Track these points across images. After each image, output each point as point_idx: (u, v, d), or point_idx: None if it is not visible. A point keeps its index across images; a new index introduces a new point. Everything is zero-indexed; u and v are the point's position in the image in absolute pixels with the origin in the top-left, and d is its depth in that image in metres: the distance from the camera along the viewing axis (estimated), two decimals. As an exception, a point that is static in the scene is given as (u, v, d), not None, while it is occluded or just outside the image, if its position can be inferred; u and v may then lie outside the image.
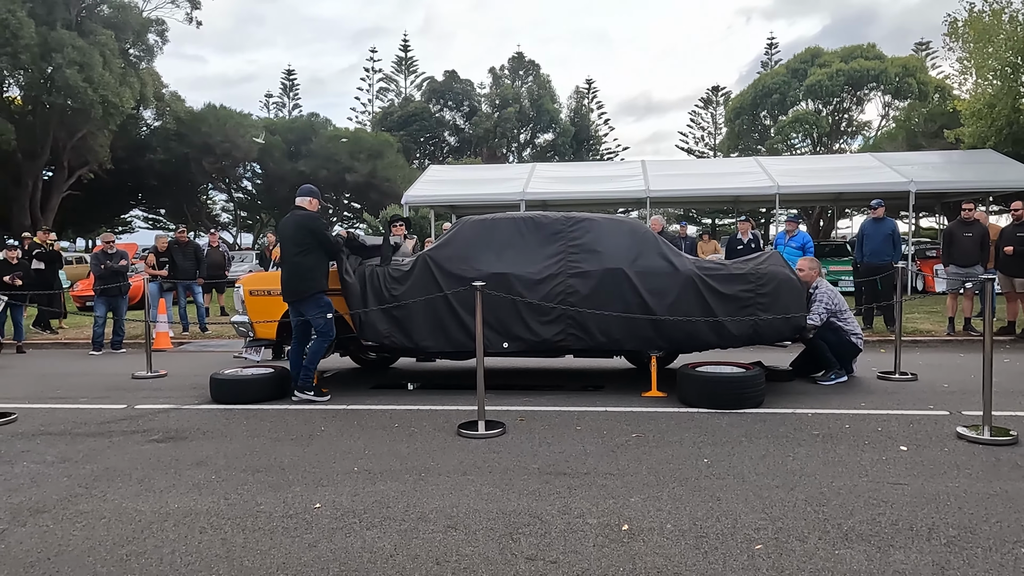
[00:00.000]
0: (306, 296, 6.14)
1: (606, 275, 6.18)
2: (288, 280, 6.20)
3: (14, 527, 3.50)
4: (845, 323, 6.83)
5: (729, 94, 53.67)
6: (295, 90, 63.07)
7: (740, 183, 17.93)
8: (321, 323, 6.18)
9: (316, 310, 6.17)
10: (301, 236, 6.14)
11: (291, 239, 6.19)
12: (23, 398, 6.83)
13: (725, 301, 6.11)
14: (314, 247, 6.16)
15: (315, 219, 6.30)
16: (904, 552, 3.00)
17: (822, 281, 6.99)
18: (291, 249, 6.17)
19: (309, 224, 6.19)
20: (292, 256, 6.17)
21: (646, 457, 4.44)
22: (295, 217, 6.27)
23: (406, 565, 2.99)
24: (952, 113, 20.99)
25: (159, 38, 34.29)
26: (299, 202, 6.37)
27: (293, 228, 6.20)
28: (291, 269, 6.17)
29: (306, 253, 6.14)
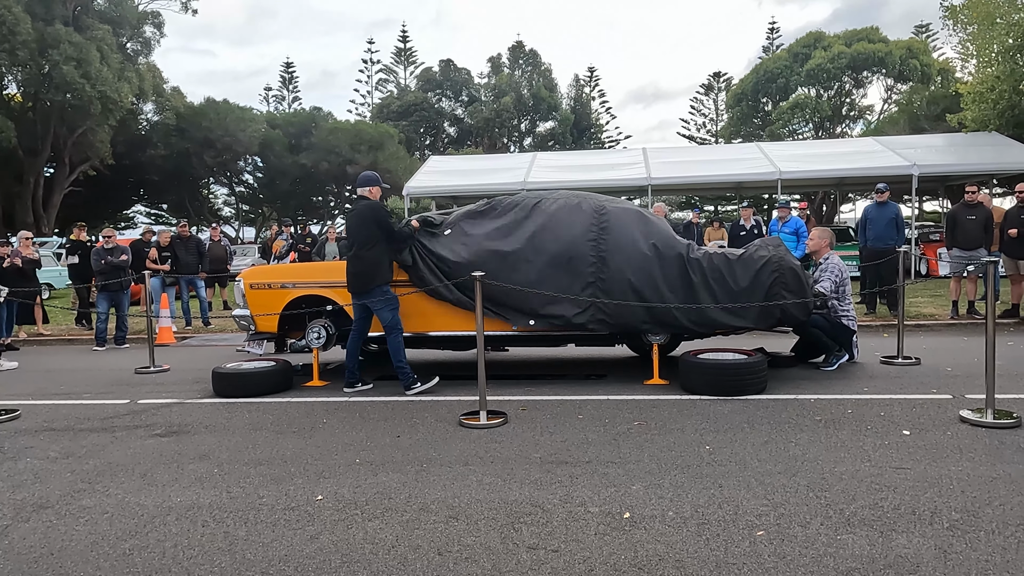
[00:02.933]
0: (370, 289, 6.03)
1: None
2: (353, 273, 6.10)
3: (18, 523, 3.51)
4: (840, 302, 6.77)
5: (731, 80, 53.43)
6: (295, 83, 62.92)
7: (742, 169, 17.88)
8: (388, 317, 6.08)
9: (382, 304, 6.07)
10: (366, 228, 6.03)
11: (356, 231, 6.09)
12: (27, 394, 6.85)
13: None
14: (380, 239, 6.05)
15: (379, 210, 6.14)
16: (907, 536, 2.99)
17: (833, 255, 6.93)
18: (356, 241, 6.07)
19: (373, 216, 6.06)
20: (357, 249, 6.06)
21: (648, 445, 4.44)
22: (359, 209, 6.16)
23: (408, 556, 2.99)
24: (955, 96, 20.87)
25: (156, 31, 34.19)
26: (361, 191, 6.24)
27: (357, 220, 6.10)
28: (356, 262, 6.07)
29: (371, 246, 6.02)
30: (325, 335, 6.80)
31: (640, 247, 6.15)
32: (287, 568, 2.92)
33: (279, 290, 6.90)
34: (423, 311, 6.50)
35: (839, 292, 6.77)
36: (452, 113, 57.67)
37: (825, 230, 7.27)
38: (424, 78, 58.18)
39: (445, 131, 58.01)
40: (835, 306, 6.78)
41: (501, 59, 59.81)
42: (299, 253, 14.23)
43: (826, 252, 6.97)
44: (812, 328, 6.68)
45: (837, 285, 6.75)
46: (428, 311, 6.50)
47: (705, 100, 57.94)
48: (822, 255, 6.97)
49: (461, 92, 57.22)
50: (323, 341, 6.80)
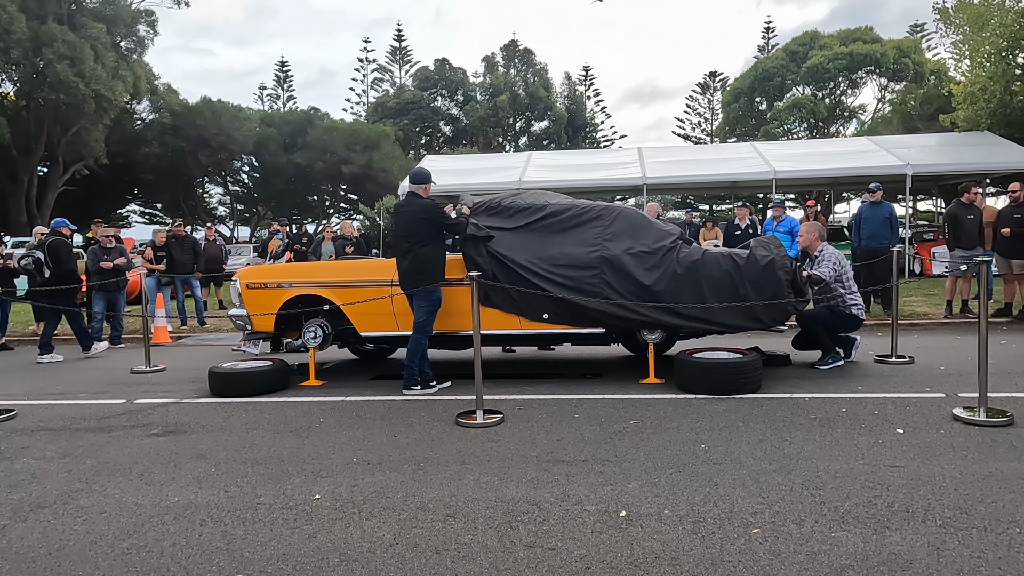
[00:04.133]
0: (421, 287, 6.00)
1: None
2: (404, 270, 6.06)
3: (15, 523, 3.51)
4: (847, 291, 6.70)
5: (727, 79, 53.52)
6: (290, 82, 62.77)
7: (737, 169, 17.90)
8: (423, 316, 6.06)
9: (424, 303, 6.04)
10: (420, 228, 5.99)
11: (408, 229, 6.05)
12: (23, 394, 6.84)
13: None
14: (434, 236, 6.03)
15: (434, 210, 6.07)
16: (900, 534, 3.02)
17: (827, 246, 6.91)
18: (409, 239, 6.03)
19: (428, 216, 6.01)
20: (410, 246, 6.02)
21: (644, 443, 4.46)
22: (412, 207, 6.09)
23: (405, 554, 3.01)
24: (948, 96, 20.97)
25: (150, 29, 34.08)
26: (412, 188, 6.18)
27: (410, 220, 6.04)
28: (409, 260, 6.02)
29: (424, 244, 6.00)
30: (321, 335, 6.81)
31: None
32: (285, 567, 2.93)
33: (275, 290, 6.91)
34: (460, 310, 6.37)
35: (843, 280, 6.69)
36: (448, 112, 57.61)
37: (813, 224, 7.24)
38: (420, 77, 58.10)
39: (441, 130, 57.94)
40: (843, 297, 6.70)
41: (495, 58, 59.78)
42: (295, 253, 14.23)
43: (819, 245, 6.93)
44: (815, 324, 6.71)
45: (838, 273, 6.67)
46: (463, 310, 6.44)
47: (701, 99, 58.06)
48: (815, 248, 6.93)
49: (457, 91, 57.17)
50: (319, 341, 6.81)
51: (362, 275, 6.85)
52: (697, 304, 6.02)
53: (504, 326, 6.50)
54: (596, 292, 6.13)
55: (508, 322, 6.50)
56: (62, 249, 9.17)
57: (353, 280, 6.79)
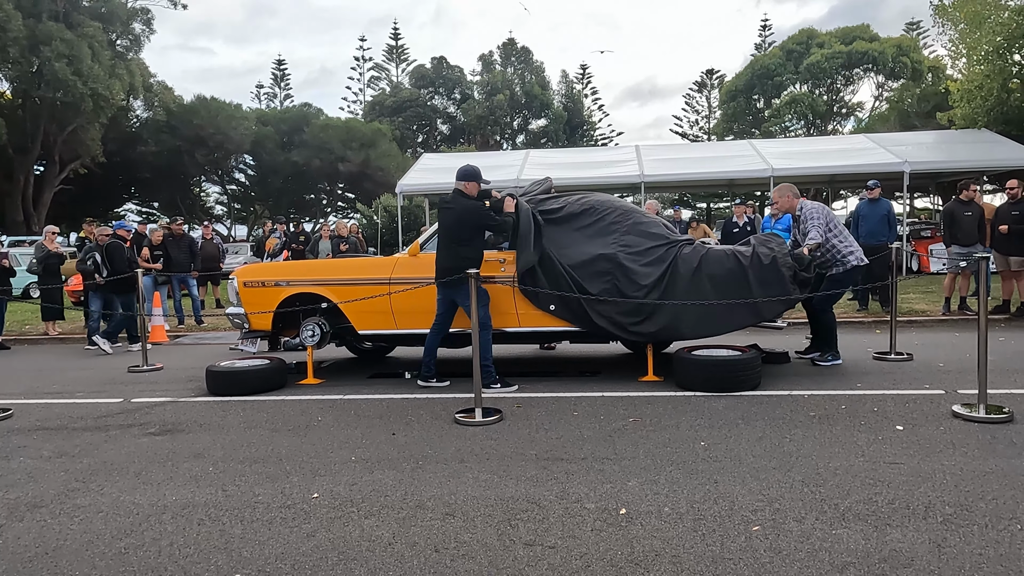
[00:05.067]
0: (462, 285, 5.93)
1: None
2: (444, 267, 6.04)
3: (12, 522, 3.49)
4: (841, 241, 6.55)
5: (724, 77, 53.52)
6: (286, 80, 62.68)
7: (734, 166, 17.91)
8: (479, 312, 5.94)
9: (468, 299, 5.90)
10: (463, 227, 6.01)
11: (450, 228, 6.05)
12: (19, 394, 6.82)
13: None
14: (474, 235, 6.04)
15: (479, 212, 6.06)
16: (901, 531, 3.01)
17: (805, 201, 6.70)
18: (449, 236, 6.04)
19: (471, 219, 6.03)
20: (450, 242, 6.04)
21: (643, 441, 4.45)
22: (457, 206, 6.07)
23: (404, 553, 2.99)
24: (945, 93, 20.98)
25: (146, 28, 34.01)
26: (458, 185, 6.16)
27: (454, 218, 6.04)
28: (448, 257, 6.03)
29: (465, 243, 6.01)
30: (319, 333, 6.79)
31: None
32: (283, 566, 2.91)
33: (273, 288, 6.89)
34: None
35: (833, 231, 6.52)
36: (445, 111, 57.54)
37: (783, 185, 6.94)
38: (417, 75, 58.03)
39: (438, 128, 57.90)
40: (838, 248, 6.54)
41: (493, 57, 59.73)
42: (292, 251, 14.20)
43: (797, 203, 6.70)
44: (828, 319, 6.70)
45: (827, 225, 6.48)
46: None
47: (698, 97, 58.09)
48: (795, 208, 6.72)
49: (454, 90, 57.11)
50: (317, 339, 6.79)
51: (360, 273, 6.83)
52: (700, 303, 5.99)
53: (503, 324, 6.48)
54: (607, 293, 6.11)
55: (507, 320, 6.48)
56: (118, 251, 9.80)
57: (351, 278, 6.77)
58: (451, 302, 6.17)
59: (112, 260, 9.68)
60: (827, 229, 6.51)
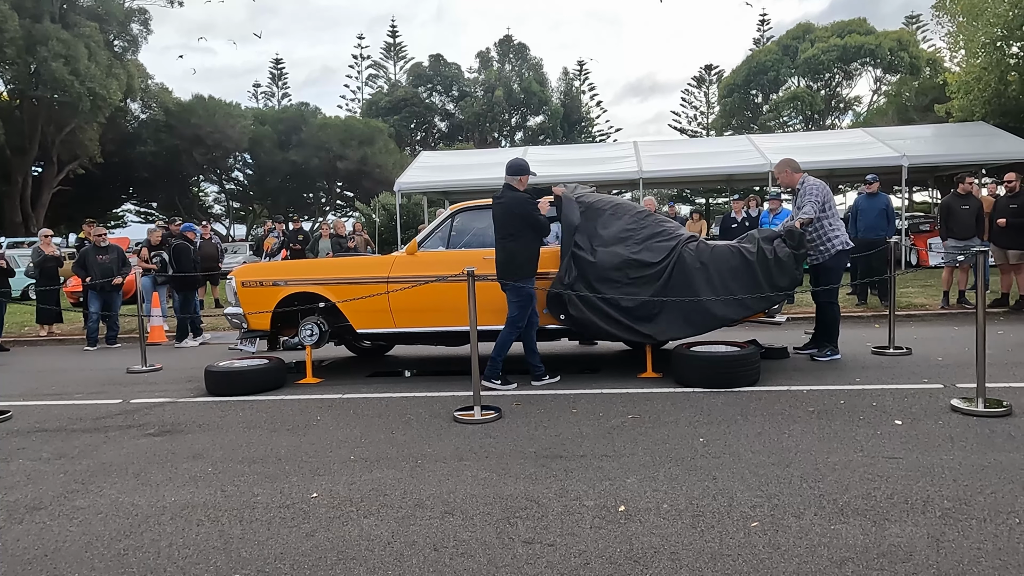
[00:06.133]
0: (514, 282, 5.93)
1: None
2: (498, 263, 6.02)
3: (11, 524, 3.49)
4: (831, 224, 6.54)
5: (723, 73, 53.45)
6: (284, 79, 62.59)
7: (732, 162, 17.92)
8: (515, 312, 5.98)
9: (515, 298, 5.97)
10: (509, 220, 5.95)
11: (500, 223, 6.01)
12: (18, 395, 6.81)
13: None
14: (523, 230, 5.97)
15: (524, 203, 5.98)
16: (899, 525, 3.01)
17: (807, 176, 6.71)
18: (500, 232, 6.00)
19: (517, 210, 5.94)
20: (501, 239, 5.99)
21: (642, 438, 4.45)
22: (505, 201, 6.03)
23: (404, 551, 2.99)
24: (942, 86, 20.97)
25: (143, 28, 33.96)
26: (508, 180, 6.11)
27: (503, 212, 6.00)
28: (501, 253, 6.00)
29: (514, 238, 5.94)
30: (318, 332, 6.80)
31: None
32: (283, 566, 2.91)
33: (271, 288, 6.88)
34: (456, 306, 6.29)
35: (827, 210, 6.51)
36: (443, 108, 57.46)
37: (783, 160, 6.95)
38: (415, 73, 57.94)
39: (436, 126, 57.82)
40: (825, 229, 6.53)
41: (490, 53, 59.64)
42: (290, 251, 14.20)
43: (799, 177, 6.70)
44: (831, 309, 6.70)
45: (822, 203, 6.46)
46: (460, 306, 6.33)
47: (697, 93, 57.99)
48: (796, 181, 6.71)
49: (452, 87, 57.03)
50: (316, 338, 6.79)
51: (358, 272, 6.82)
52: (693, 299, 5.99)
53: (500, 322, 6.47)
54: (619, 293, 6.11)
55: (504, 318, 6.47)
56: (184, 252, 10.58)
57: (349, 277, 6.77)
58: None
59: (178, 260, 10.47)
60: (821, 208, 6.50)
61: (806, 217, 6.40)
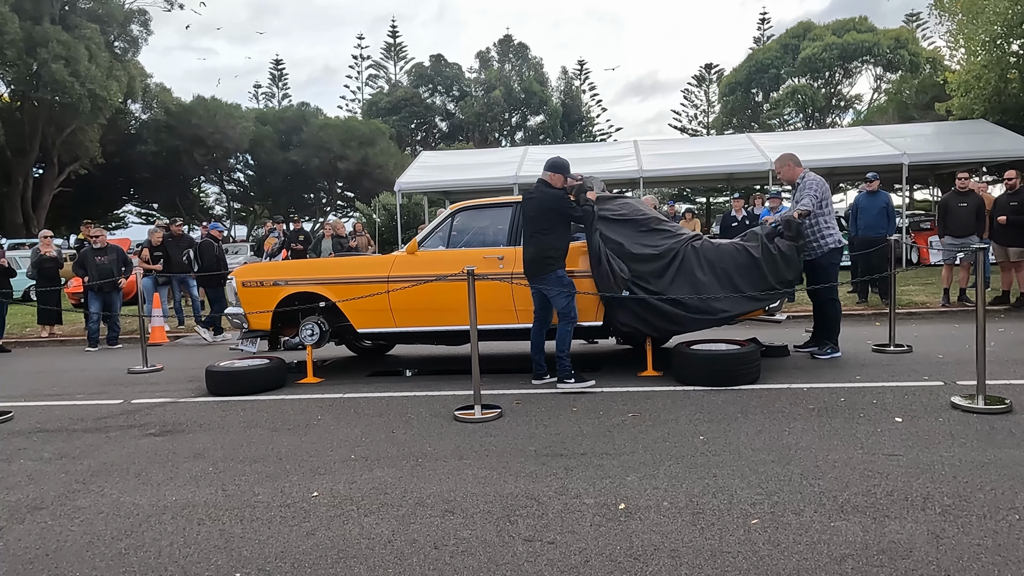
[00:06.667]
0: (546, 275, 5.88)
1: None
2: (527, 258, 5.98)
3: (12, 524, 3.50)
4: (826, 221, 6.55)
5: (723, 71, 53.43)
6: (284, 80, 62.62)
7: (733, 160, 17.92)
8: (563, 303, 5.89)
9: (557, 290, 5.89)
10: (543, 215, 5.90)
11: (533, 218, 5.96)
12: (19, 396, 6.82)
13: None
14: (558, 225, 5.92)
15: (560, 199, 5.92)
16: (899, 522, 3.01)
17: (808, 171, 6.75)
18: (532, 227, 5.96)
19: (553, 204, 5.88)
20: (533, 233, 5.94)
21: (642, 436, 4.46)
22: (540, 195, 5.96)
23: (404, 550, 3.00)
24: (943, 84, 20.96)
25: (143, 29, 33.98)
26: (544, 175, 6.03)
27: (537, 207, 5.93)
28: (532, 248, 5.93)
29: (547, 232, 5.90)
30: (318, 332, 6.80)
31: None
32: (284, 565, 2.92)
33: (271, 287, 6.89)
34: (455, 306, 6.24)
35: (823, 207, 6.55)
36: (444, 108, 57.47)
37: (784, 155, 6.99)
38: (416, 74, 57.95)
39: (436, 126, 57.82)
40: (820, 226, 6.55)
41: (490, 53, 59.65)
42: (291, 251, 14.20)
43: (800, 171, 6.75)
44: (831, 306, 6.70)
45: (820, 199, 6.50)
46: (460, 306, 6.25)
47: (697, 92, 57.98)
48: (797, 175, 6.74)
49: (452, 87, 57.03)
50: (316, 338, 6.80)
51: (358, 272, 6.82)
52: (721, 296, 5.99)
53: (501, 321, 6.49)
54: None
55: (505, 317, 6.49)
56: (208, 249, 11.10)
57: (349, 277, 6.77)
58: (542, 294, 6.02)
59: (203, 257, 10.92)
60: (818, 204, 6.52)
61: (804, 208, 6.42)
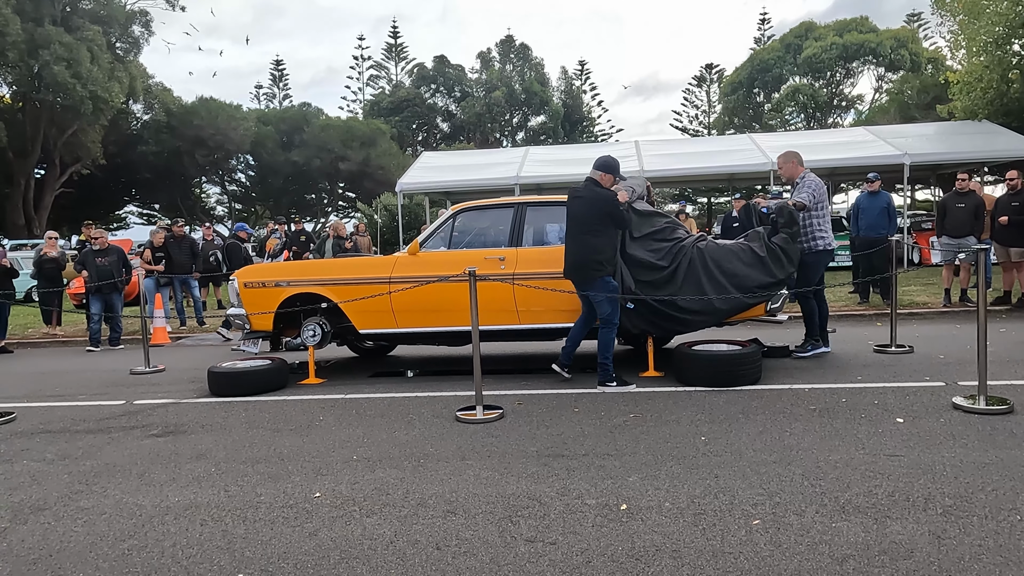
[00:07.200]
0: (592, 279, 5.79)
1: None
2: (573, 260, 5.82)
3: (16, 525, 3.51)
4: (819, 223, 6.56)
5: (723, 71, 53.42)
6: (285, 80, 62.66)
7: (734, 160, 17.90)
8: (607, 309, 5.79)
9: (604, 292, 5.79)
10: (591, 216, 5.76)
11: (580, 218, 5.78)
12: (22, 397, 6.84)
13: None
14: (606, 227, 5.79)
15: (611, 201, 5.76)
16: (901, 523, 3.02)
17: (808, 172, 6.77)
18: (579, 227, 5.78)
19: (604, 207, 5.72)
20: (579, 235, 5.77)
21: (644, 437, 4.46)
22: (589, 194, 5.80)
23: (406, 551, 3.01)
24: (944, 85, 20.95)
25: (144, 30, 34.01)
26: (593, 174, 5.89)
27: (585, 207, 5.76)
28: (577, 249, 5.79)
29: (596, 234, 5.73)
30: (320, 333, 6.81)
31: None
32: (286, 565, 2.93)
33: (273, 288, 6.90)
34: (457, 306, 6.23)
35: (819, 209, 6.56)
36: (445, 109, 57.48)
37: (788, 152, 7.01)
38: (418, 75, 57.97)
39: (438, 127, 57.83)
40: (813, 226, 6.56)
41: (491, 54, 59.67)
42: (292, 252, 14.22)
43: (801, 171, 6.77)
44: (805, 302, 6.72)
45: (816, 199, 6.50)
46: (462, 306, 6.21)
47: (698, 92, 57.98)
48: (798, 174, 6.76)
49: (455, 88, 57.04)
50: (318, 339, 6.81)
51: (360, 272, 6.83)
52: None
53: (502, 322, 6.50)
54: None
55: (507, 318, 6.50)
56: (236, 250, 11.77)
57: (351, 278, 6.78)
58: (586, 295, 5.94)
59: (231, 258, 11.48)
60: (815, 203, 6.54)
61: (800, 200, 6.46)
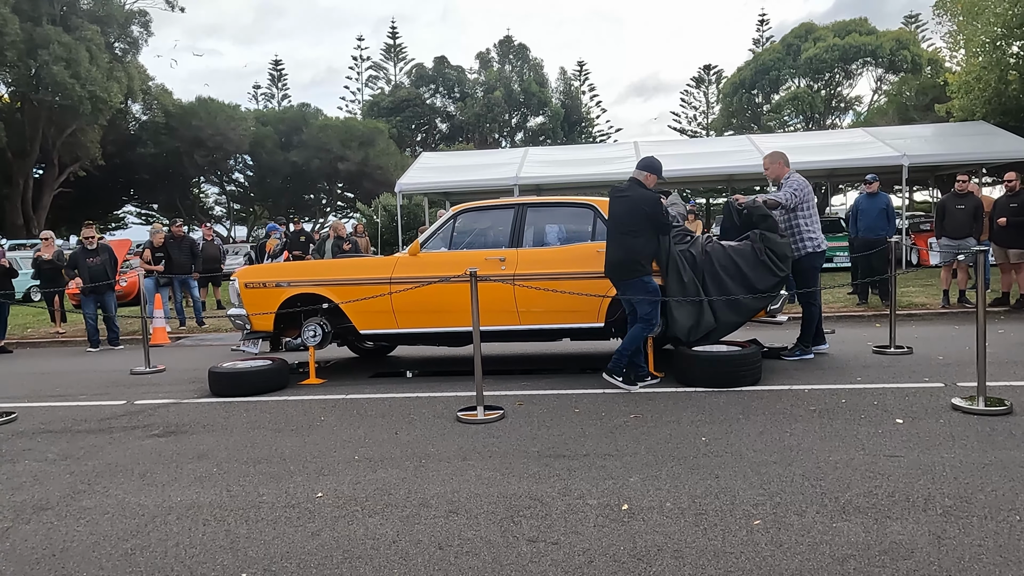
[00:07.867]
0: (631, 279, 5.74)
1: None
2: (614, 260, 5.77)
3: (18, 525, 3.52)
4: (807, 223, 6.55)
5: (722, 72, 53.49)
6: (283, 81, 62.65)
7: (733, 162, 17.93)
8: (647, 309, 5.74)
9: (644, 293, 5.75)
10: (634, 217, 5.67)
11: (622, 217, 5.71)
12: (23, 397, 6.84)
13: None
14: (647, 228, 5.73)
15: (655, 202, 5.72)
16: (901, 523, 3.03)
17: (794, 173, 6.76)
18: (620, 227, 5.72)
19: (647, 208, 5.67)
20: (620, 234, 5.72)
21: (644, 437, 4.47)
22: (633, 194, 5.75)
23: (409, 550, 3.02)
24: (943, 86, 21.00)
25: (143, 30, 34.00)
26: (636, 174, 5.85)
27: (627, 207, 5.70)
28: (618, 249, 5.74)
29: (636, 235, 5.68)
30: (321, 333, 6.82)
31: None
32: (289, 565, 2.94)
33: (274, 289, 6.91)
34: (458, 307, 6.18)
35: (803, 209, 6.53)
36: (444, 109, 57.49)
37: (775, 152, 6.99)
38: (417, 76, 57.98)
39: (437, 127, 57.84)
40: (800, 228, 6.55)
41: (490, 54, 59.69)
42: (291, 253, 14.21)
43: (786, 171, 6.75)
44: (807, 310, 6.73)
45: (799, 199, 6.46)
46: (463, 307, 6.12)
47: (696, 93, 58.03)
48: (784, 175, 6.74)
49: (454, 88, 57.05)
50: (319, 339, 6.82)
51: (360, 273, 6.85)
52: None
53: (503, 322, 6.51)
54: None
55: (507, 319, 6.51)
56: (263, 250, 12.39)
57: (351, 278, 6.79)
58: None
59: (260, 257, 11.92)
60: (798, 202, 6.50)
61: (773, 199, 6.46)
